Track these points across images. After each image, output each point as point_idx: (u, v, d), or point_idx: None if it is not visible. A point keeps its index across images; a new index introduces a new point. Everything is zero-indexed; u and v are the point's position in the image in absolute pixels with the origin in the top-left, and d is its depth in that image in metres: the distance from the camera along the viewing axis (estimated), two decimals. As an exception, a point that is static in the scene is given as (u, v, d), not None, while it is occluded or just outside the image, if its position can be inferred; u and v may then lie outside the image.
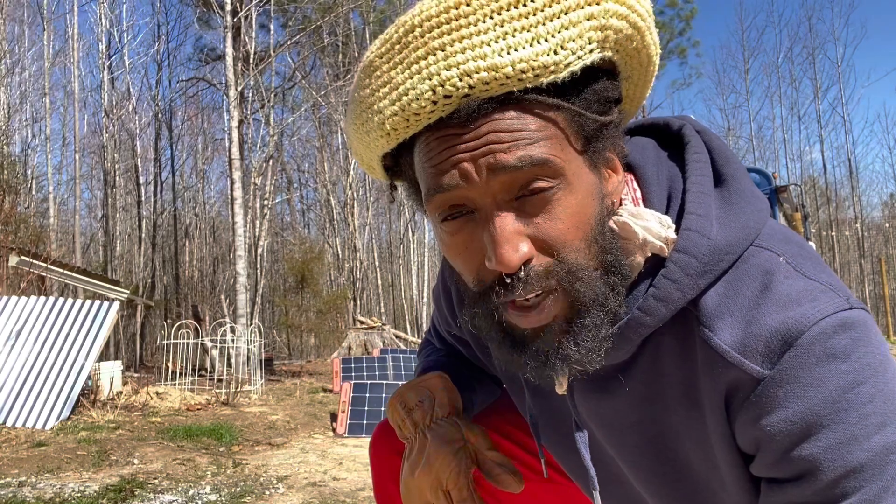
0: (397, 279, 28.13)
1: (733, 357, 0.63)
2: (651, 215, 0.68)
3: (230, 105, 13.95)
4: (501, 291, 0.61)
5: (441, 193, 0.62)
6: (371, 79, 0.64)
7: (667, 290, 0.65)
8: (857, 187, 32.54)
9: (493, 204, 0.60)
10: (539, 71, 0.58)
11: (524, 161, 0.58)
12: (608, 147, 0.66)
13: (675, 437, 0.71)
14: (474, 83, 0.58)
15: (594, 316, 0.63)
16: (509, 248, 0.59)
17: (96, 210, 27.05)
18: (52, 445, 6.13)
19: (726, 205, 0.68)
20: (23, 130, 23.11)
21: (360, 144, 0.70)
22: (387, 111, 0.62)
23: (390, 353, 12.96)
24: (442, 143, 0.61)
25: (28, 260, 10.53)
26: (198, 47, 28.18)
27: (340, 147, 25.54)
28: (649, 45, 0.67)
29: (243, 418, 7.96)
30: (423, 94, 0.59)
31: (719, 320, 0.64)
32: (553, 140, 0.60)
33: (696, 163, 0.71)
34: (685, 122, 0.77)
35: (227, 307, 15.44)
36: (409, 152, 0.66)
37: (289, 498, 4.87)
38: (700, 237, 0.65)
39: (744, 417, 0.64)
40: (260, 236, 20.50)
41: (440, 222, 0.64)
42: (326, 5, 20.05)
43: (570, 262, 0.61)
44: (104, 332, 7.81)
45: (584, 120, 0.62)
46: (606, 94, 0.64)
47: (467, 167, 0.59)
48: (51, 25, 22.90)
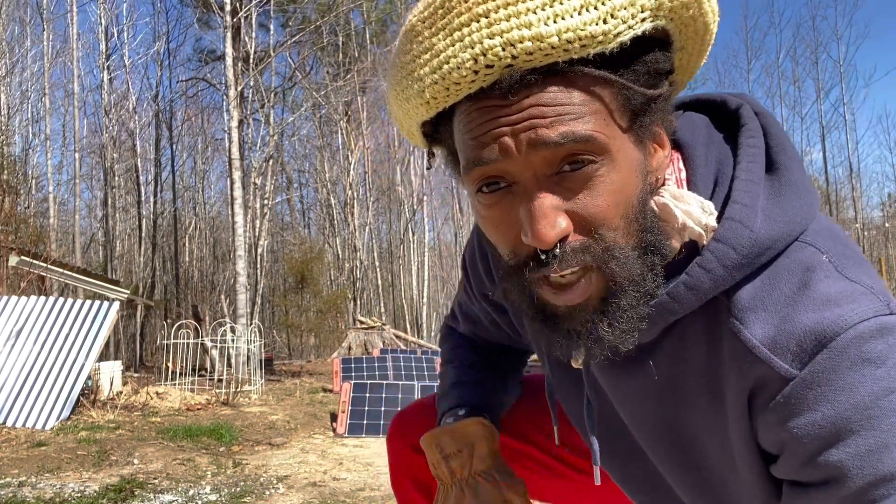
0: (397, 279, 28.14)
1: (763, 353, 0.61)
2: (693, 199, 0.65)
3: (230, 105, 13.95)
4: (536, 267, 0.60)
5: (480, 167, 0.60)
6: (412, 44, 0.62)
7: (698, 279, 0.63)
8: (858, 187, 32.56)
9: (532, 179, 0.59)
10: (586, 41, 0.55)
11: (567, 137, 0.56)
12: (656, 121, 0.63)
13: (693, 425, 0.70)
14: (518, 53, 0.55)
15: (630, 297, 0.61)
16: (546, 223, 0.57)
17: (96, 210, 27.06)
18: (52, 445, 6.13)
19: (775, 196, 0.65)
20: (23, 130, 23.13)
21: (399, 111, 0.68)
22: (427, 79, 0.60)
23: (390, 353, 12.95)
24: (482, 114, 0.59)
25: (28, 260, 10.53)
26: (198, 48, 28.20)
27: (340, 147, 25.54)
28: (707, 13, 0.63)
29: (243, 418, 7.96)
30: (465, 62, 0.57)
31: (752, 314, 0.62)
32: (598, 115, 0.57)
33: (749, 147, 0.68)
34: (744, 101, 0.73)
35: (227, 307, 15.45)
36: (449, 121, 0.64)
37: (289, 498, 4.87)
38: (742, 228, 0.62)
39: (769, 417, 0.62)
40: (260, 236, 20.51)
41: (476, 192, 0.62)
42: (326, 5, 20.05)
43: (608, 241, 0.59)
44: (104, 332, 7.81)
45: (631, 93, 0.59)
46: (657, 66, 0.60)
47: (507, 141, 0.57)
48: (51, 25, 22.92)
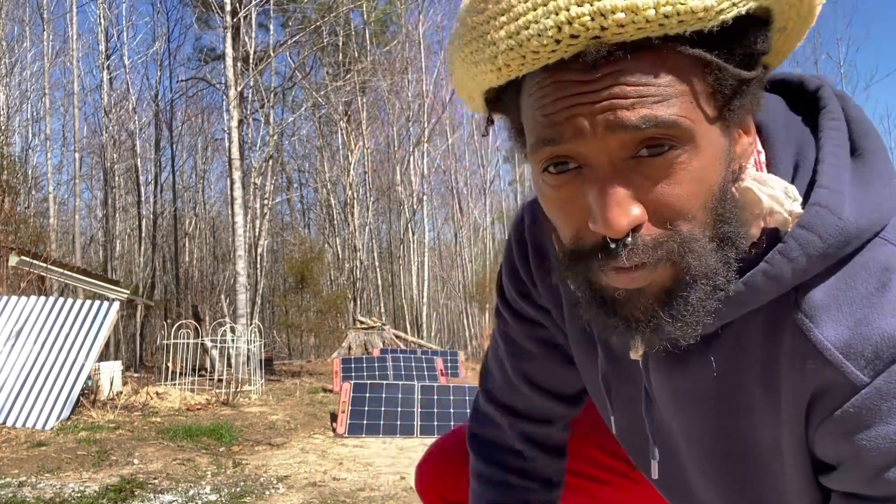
0: (397, 279, 28.13)
1: (834, 356, 0.57)
2: (777, 182, 0.61)
3: (230, 105, 13.94)
4: (603, 257, 0.55)
5: (550, 146, 0.55)
6: (488, 4, 0.56)
7: (780, 268, 0.58)
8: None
9: (607, 162, 0.54)
10: (686, 17, 0.49)
11: (648, 121, 0.51)
12: (745, 106, 0.57)
13: (747, 415, 0.67)
14: (608, 24, 0.49)
15: (700, 291, 0.56)
16: (619, 211, 0.52)
17: (96, 210, 27.07)
18: (52, 445, 6.13)
19: (861, 183, 0.60)
20: (23, 130, 23.13)
21: (464, 74, 0.62)
22: (501, 44, 0.54)
23: (390, 353, 12.95)
24: (558, 89, 0.53)
25: (28, 260, 10.53)
26: (197, 47, 28.21)
27: (340, 147, 25.54)
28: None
29: (243, 418, 7.96)
30: (547, 30, 0.51)
31: (824, 312, 0.58)
32: (685, 98, 0.52)
33: (832, 130, 0.63)
34: (823, 82, 0.69)
35: (227, 307, 15.45)
36: (517, 90, 0.59)
37: (289, 498, 4.87)
38: (829, 215, 0.57)
39: (832, 427, 0.58)
40: (260, 236, 20.51)
41: (542, 172, 0.57)
42: (326, 5, 20.04)
43: (684, 233, 0.55)
44: (104, 332, 7.81)
45: (725, 76, 0.54)
46: (755, 48, 0.55)
47: (583, 122, 0.52)
48: (51, 25, 22.92)
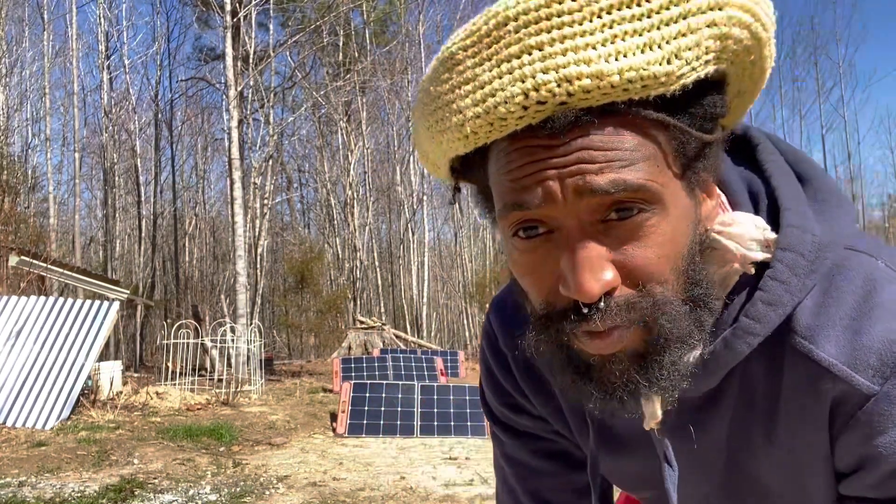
0: (397, 279, 28.13)
1: (841, 371, 0.58)
2: (744, 217, 0.63)
3: (230, 105, 13.95)
4: (575, 319, 0.55)
5: (519, 211, 0.55)
6: (452, 73, 0.57)
7: (775, 292, 0.59)
8: (858, 188, 32.58)
9: (577, 226, 0.54)
10: (648, 82, 0.51)
11: (618, 186, 0.52)
12: (707, 168, 0.59)
13: (753, 461, 0.68)
14: (574, 91, 0.51)
15: (673, 353, 0.57)
16: (591, 276, 0.53)
17: (96, 210, 27.08)
18: (52, 445, 6.13)
19: (815, 202, 0.64)
20: (23, 130, 23.14)
21: (430, 144, 0.63)
22: (468, 112, 0.55)
23: (390, 353, 12.95)
24: (525, 154, 0.54)
25: (28, 260, 10.53)
26: (197, 47, 28.22)
27: (340, 147, 25.55)
28: (766, 59, 0.60)
29: (243, 418, 7.96)
30: (514, 97, 0.52)
31: (821, 332, 0.59)
32: (651, 161, 0.53)
33: (773, 162, 0.66)
34: (748, 126, 0.72)
35: (227, 307, 15.45)
36: (484, 157, 0.60)
37: (289, 498, 4.87)
38: (804, 233, 0.60)
39: (849, 436, 0.60)
40: (260, 236, 20.51)
41: (512, 237, 0.58)
42: (326, 5, 20.05)
43: (657, 295, 0.55)
44: (104, 332, 7.81)
45: (687, 139, 0.55)
46: (714, 111, 0.57)
47: (552, 186, 0.53)
48: (51, 25, 22.92)
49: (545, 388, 0.81)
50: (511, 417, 0.88)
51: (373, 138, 27.14)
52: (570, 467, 0.89)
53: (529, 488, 0.91)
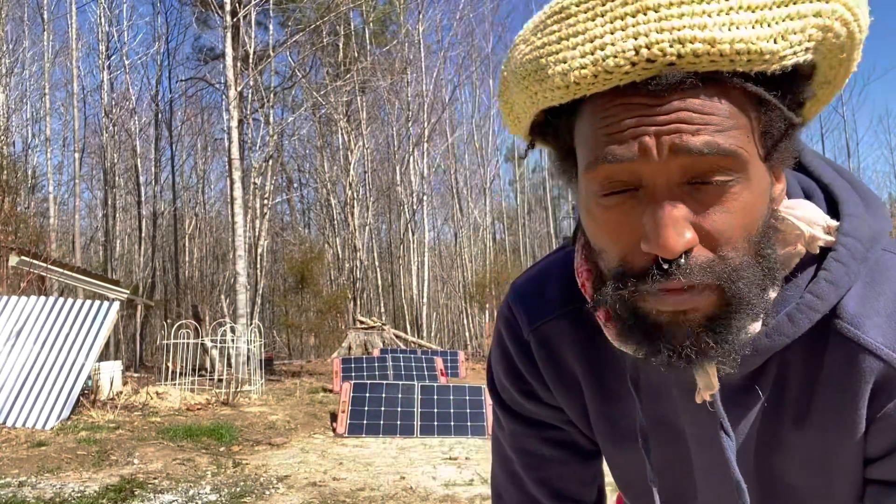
0: (397, 279, 28.13)
1: (887, 354, 0.62)
2: (807, 205, 0.67)
3: (230, 105, 13.94)
4: (657, 275, 0.57)
5: (611, 164, 0.57)
6: (561, 25, 0.59)
7: (837, 273, 0.63)
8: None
9: (665, 185, 0.56)
10: (754, 56, 0.54)
11: (711, 148, 0.54)
12: (788, 153, 0.62)
13: (778, 449, 0.72)
14: (685, 53, 0.53)
15: (741, 318, 0.59)
16: (674, 232, 0.55)
17: (96, 210, 27.08)
18: (52, 445, 6.13)
19: (866, 205, 0.69)
20: (23, 130, 23.14)
21: (522, 94, 0.64)
22: (575, 62, 0.57)
23: (390, 353, 12.95)
24: (625, 110, 0.56)
25: (28, 260, 10.53)
26: (196, 47, 28.22)
27: (340, 147, 25.55)
28: (853, 60, 0.63)
29: (243, 418, 7.96)
30: (625, 51, 0.54)
31: (866, 319, 0.64)
32: (743, 131, 0.56)
33: (822, 166, 0.72)
34: None
35: (227, 307, 15.45)
36: (573, 114, 0.62)
37: (289, 498, 4.87)
38: (862, 223, 0.65)
39: (887, 420, 0.64)
40: (260, 236, 20.50)
41: (599, 196, 0.59)
42: (325, 5, 20.05)
43: (733, 260, 0.58)
44: (104, 332, 7.81)
45: (777, 117, 0.59)
46: (802, 97, 0.61)
47: (649, 142, 0.55)
48: (50, 25, 22.92)
49: (570, 380, 0.82)
50: (524, 405, 0.89)
51: (373, 138, 27.14)
52: (578, 457, 0.90)
53: (539, 476, 0.91)
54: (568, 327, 0.79)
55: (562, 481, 0.91)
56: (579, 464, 0.91)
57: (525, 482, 0.93)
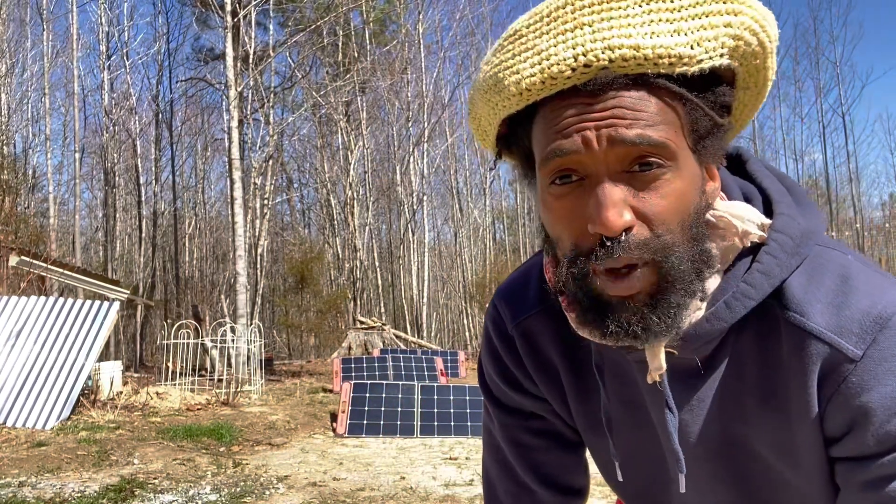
0: (397, 279, 28.13)
1: (830, 338, 0.68)
2: (743, 206, 0.74)
3: (230, 105, 13.95)
4: (601, 253, 0.64)
5: (560, 157, 0.66)
6: (514, 45, 0.70)
7: (769, 265, 0.71)
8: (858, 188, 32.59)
9: (605, 172, 0.64)
10: (674, 59, 0.64)
11: (643, 139, 0.63)
12: (714, 150, 0.70)
13: (747, 432, 0.76)
14: (615, 57, 0.63)
15: (678, 295, 0.67)
16: (614, 212, 0.63)
17: (96, 210, 27.07)
18: (52, 445, 6.13)
19: (799, 205, 0.77)
20: (23, 130, 23.13)
21: (485, 106, 0.74)
22: (525, 72, 0.67)
23: (390, 353, 12.96)
24: (569, 109, 0.65)
25: (28, 260, 10.53)
26: (196, 47, 28.21)
27: (340, 147, 25.55)
28: (769, 68, 0.72)
29: (243, 418, 7.96)
30: (565, 59, 0.64)
31: (810, 306, 0.70)
32: (671, 126, 0.65)
33: (762, 172, 0.81)
34: (739, 146, 0.87)
35: (227, 307, 15.45)
36: (530, 121, 0.71)
37: (289, 498, 4.87)
38: (792, 220, 0.73)
39: (839, 398, 0.69)
40: (260, 236, 20.51)
41: (549, 184, 0.68)
42: (325, 5, 20.05)
43: (666, 239, 0.65)
44: (104, 332, 7.81)
45: (700, 115, 0.67)
46: (723, 100, 0.69)
47: (589, 135, 0.64)
48: (50, 25, 22.93)
49: (551, 371, 0.89)
50: (511, 396, 0.96)
51: (373, 138, 27.15)
52: (563, 446, 0.97)
53: (528, 464, 0.98)
54: (548, 322, 0.86)
55: (549, 468, 0.98)
56: (565, 452, 0.97)
57: (515, 470, 0.99)
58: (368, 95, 25.20)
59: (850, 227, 32.13)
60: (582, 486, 1.01)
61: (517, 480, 0.99)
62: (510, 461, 0.99)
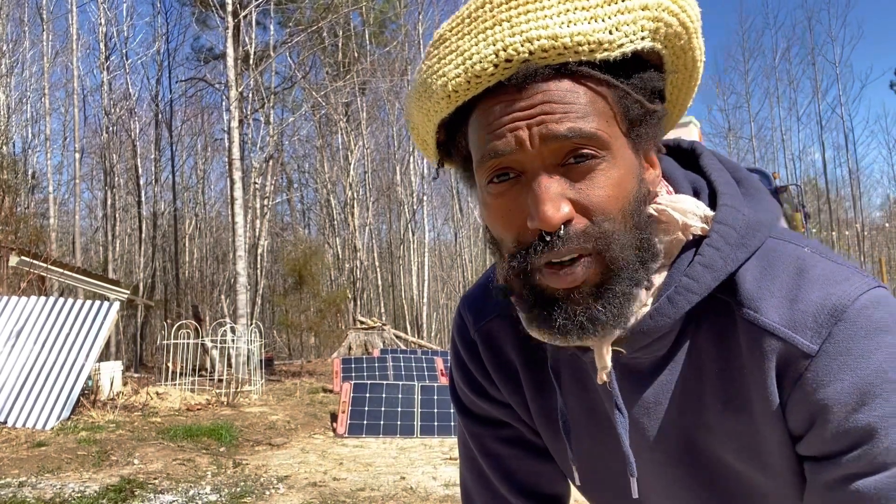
0: (397, 279, 28.13)
1: (784, 333, 0.66)
2: (687, 199, 0.74)
3: (230, 105, 13.95)
4: (541, 247, 0.64)
5: (495, 158, 0.65)
6: (439, 49, 0.70)
7: (711, 256, 0.69)
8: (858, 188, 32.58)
9: (540, 167, 0.64)
10: (594, 46, 0.64)
11: (574, 132, 0.63)
12: (649, 136, 0.70)
13: (709, 435, 0.74)
14: (534, 49, 0.63)
15: (623, 283, 0.66)
16: (552, 206, 0.63)
17: (96, 210, 27.07)
18: (52, 445, 6.13)
19: (747, 196, 0.76)
20: (23, 130, 23.13)
21: (419, 113, 0.75)
22: (451, 74, 0.67)
23: (390, 354, 12.95)
24: (498, 106, 0.66)
25: (28, 260, 10.52)
26: (196, 47, 28.20)
27: (340, 147, 25.55)
28: (695, 48, 0.72)
29: (243, 418, 7.96)
30: (487, 57, 0.64)
31: (762, 301, 0.68)
32: (602, 115, 0.65)
33: (712, 165, 0.79)
34: (694, 141, 0.85)
35: (227, 307, 15.45)
36: (464, 124, 0.71)
37: (289, 498, 4.87)
38: (735, 211, 0.72)
39: (797, 395, 0.67)
40: (260, 236, 20.51)
41: (487, 184, 0.68)
42: (325, 6, 20.05)
43: (607, 227, 0.65)
44: (104, 332, 7.81)
45: (630, 101, 0.67)
46: (652, 84, 0.69)
47: (522, 134, 0.64)
48: (50, 25, 22.92)
49: (512, 374, 0.88)
50: (479, 404, 0.95)
51: (373, 138, 27.15)
52: (534, 454, 0.95)
53: (502, 475, 0.97)
54: (507, 326, 0.86)
55: (524, 476, 0.96)
56: (538, 460, 0.95)
57: (490, 481, 0.97)
58: (368, 96, 25.21)
59: (849, 227, 32.14)
60: (560, 493, 0.98)
61: (493, 491, 0.97)
62: (485, 472, 0.97)
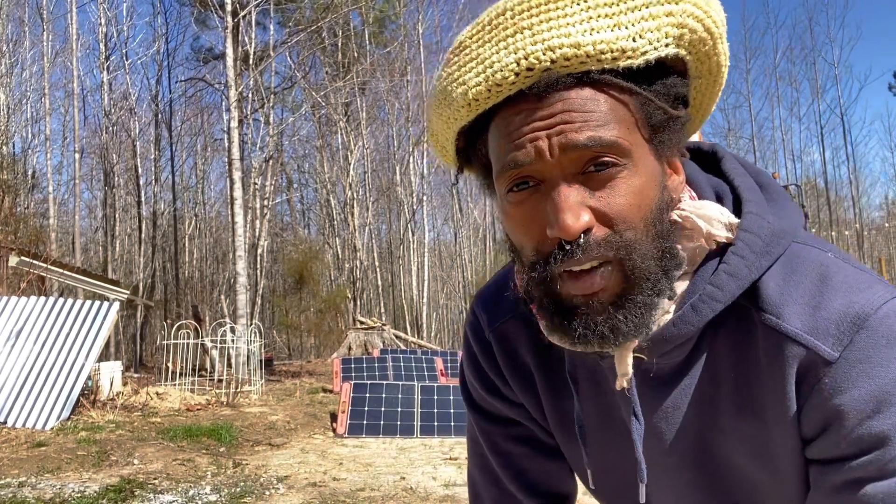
0: (397, 279, 28.13)
1: (806, 339, 0.66)
2: (711, 205, 0.73)
3: (230, 105, 13.95)
4: (560, 257, 0.64)
5: (515, 168, 0.65)
6: (459, 56, 0.69)
7: (736, 265, 0.69)
8: (858, 188, 32.59)
9: (560, 176, 0.64)
10: (617, 54, 0.63)
11: (594, 141, 0.62)
12: (673, 142, 0.69)
13: (723, 438, 0.74)
14: (556, 57, 0.62)
15: (645, 294, 0.66)
16: (571, 215, 0.62)
17: (96, 210, 27.06)
18: (52, 445, 6.13)
19: (771, 202, 0.75)
20: (22, 130, 23.13)
21: (439, 120, 0.74)
22: (471, 82, 0.67)
23: (390, 354, 12.95)
24: (519, 116, 0.65)
25: (28, 260, 10.52)
26: (195, 47, 28.20)
27: (340, 147, 25.55)
28: (720, 53, 0.71)
29: (243, 418, 7.96)
30: (508, 65, 0.64)
31: (785, 308, 0.68)
32: (623, 123, 0.64)
33: (736, 170, 0.78)
34: (715, 144, 0.85)
35: (227, 307, 15.44)
36: (484, 132, 0.71)
37: (289, 498, 4.87)
38: (760, 219, 0.71)
39: (814, 400, 0.67)
40: (260, 236, 20.51)
41: (507, 192, 0.67)
42: (325, 6, 20.05)
43: (628, 236, 0.64)
44: (104, 333, 7.81)
45: (652, 108, 0.66)
46: (676, 90, 0.68)
47: (542, 145, 0.63)
48: (50, 25, 22.92)
49: (526, 376, 0.88)
50: (491, 402, 0.95)
51: (373, 138, 27.14)
52: (544, 453, 0.95)
53: (512, 473, 0.97)
54: (522, 327, 0.85)
55: (533, 475, 0.96)
56: (548, 459, 0.95)
57: (499, 478, 0.98)
58: (368, 96, 25.20)
59: (849, 227, 32.14)
60: (568, 492, 0.99)
61: (502, 488, 0.97)
62: (494, 469, 0.98)
